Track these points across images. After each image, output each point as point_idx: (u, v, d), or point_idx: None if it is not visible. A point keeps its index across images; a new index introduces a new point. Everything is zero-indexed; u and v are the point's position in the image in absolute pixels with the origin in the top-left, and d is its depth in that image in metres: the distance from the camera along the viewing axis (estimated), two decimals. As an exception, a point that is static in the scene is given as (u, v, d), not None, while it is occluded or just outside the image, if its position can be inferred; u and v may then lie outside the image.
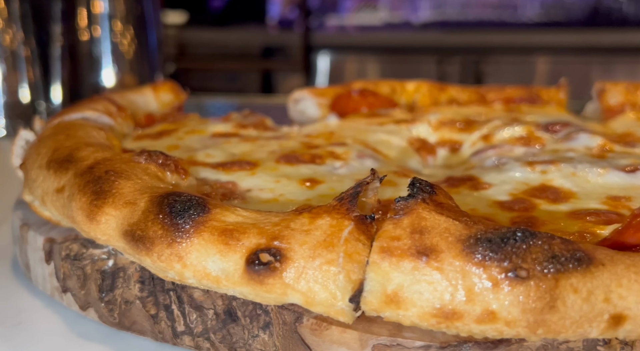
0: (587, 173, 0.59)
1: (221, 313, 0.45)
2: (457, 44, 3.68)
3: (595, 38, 3.53)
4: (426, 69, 3.66)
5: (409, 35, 3.96)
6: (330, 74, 3.87)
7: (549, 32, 3.73)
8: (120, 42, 1.79)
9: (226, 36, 4.15)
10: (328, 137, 0.85)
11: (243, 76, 4.06)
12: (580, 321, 0.35)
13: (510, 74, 3.56)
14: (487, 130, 0.86)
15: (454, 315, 0.35)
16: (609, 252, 0.36)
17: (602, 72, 3.50)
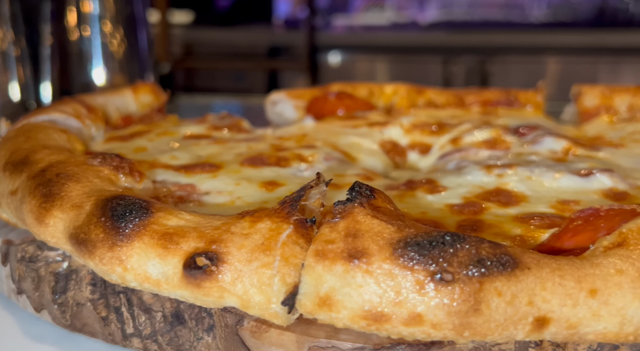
0: (543, 177, 0.60)
1: (169, 316, 0.46)
2: (463, 44, 3.67)
3: (602, 38, 3.52)
4: (433, 69, 3.66)
5: (415, 35, 3.96)
6: (336, 74, 3.87)
7: (555, 32, 3.71)
8: (109, 42, 1.79)
9: (232, 36, 4.16)
10: (299, 140, 0.85)
11: (249, 76, 4.06)
12: (506, 324, 0.35)
13: (516, 74, 3.56)
14: (456, 133, 0.87)
15: (382, 318, 0.36)
16: (536, 256, 0.37)
17: (608, 72, 3.50)
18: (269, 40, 4.10)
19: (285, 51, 4.01)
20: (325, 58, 3.90)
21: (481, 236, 0.46)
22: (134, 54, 1.88)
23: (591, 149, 0.78)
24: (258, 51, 4.07)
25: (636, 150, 0.79)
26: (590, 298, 0.36)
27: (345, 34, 4.21)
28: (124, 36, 1.84)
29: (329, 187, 0.63)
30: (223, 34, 4.20)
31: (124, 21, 1.83)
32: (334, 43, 3.98)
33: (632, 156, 0.75)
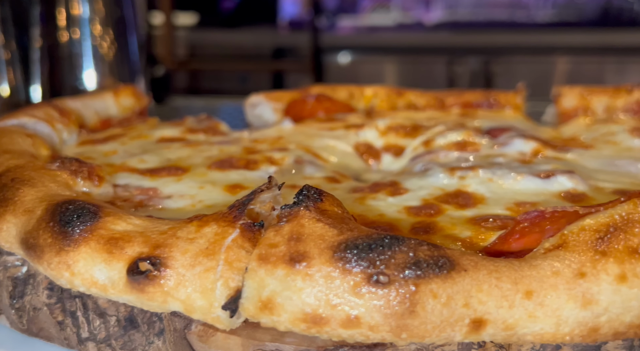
0: (504, 179, 0.60)
1: (122, 320, 0.46)
2: (468, 44, 3.66)
3: (607, 38, 3.50)
4: (438, 69, 3.65)
5: (420, 36, 3.96)
6: (342, 75, 3.87)
7: (559, 32, 3.69)
8: (99, 45, 1.79)
9: (237, 37, 4.16)
10: (274, 142, 0.86)
11: (254, 77, 4.06)
12: (442, 326, 0.36)
13: (521, 75, 3.55)
14: (429, 135, 0.87)
15: (321, 320, 0.36)
16: (474, 258, 0.37)
17: (614, 72, 3.49)
18: (273, 42, 4.10)
19: (290, 52, 4.01)
20: (330, 59, 3.89)
21: (432, 238, 0.47)
22: (124, 57, 1.89)
23: (560, 151, 0.78)
24: (263, 53, 4.07)
25: (605, 151, 0.79)
26: (526, 300, 0.36)
27: (350, 35, 4.20)
28: (114, 39, 1.85)
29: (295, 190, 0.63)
30: (227, 36, 4.21)
31: (114, 24, 1.83)
32: (339, 44, 3.97)
33: (599, 157, 0.76)
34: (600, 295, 0.36)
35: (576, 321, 0.36)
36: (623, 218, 0.39)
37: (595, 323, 0.37)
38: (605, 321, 0.37)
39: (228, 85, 4.24)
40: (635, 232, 0.38)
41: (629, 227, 0.38)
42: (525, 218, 0.43)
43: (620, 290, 0.36)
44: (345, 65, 3.97)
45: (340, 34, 4.22)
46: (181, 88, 4.11)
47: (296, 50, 3.89)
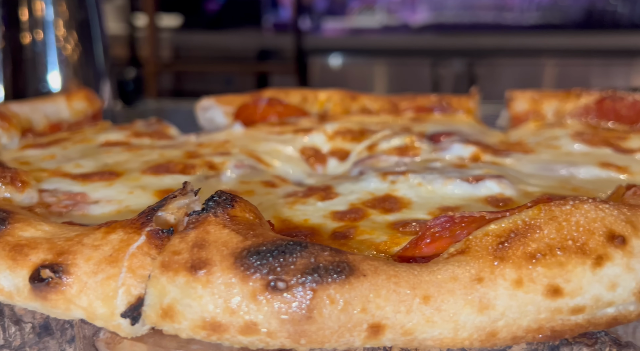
0: (433, 184, 0.61)
1: (37, 327, 0.45)
2: (453, 47, 3.68)
3: (591, 41, 3.55)
4: (423, 71, 3.67)
5: (406, 38, 3.97)
6: (327, 77, 3.87)
7: (544, 34, 3.73)
8: (63, 47, 1.77)
9: (221, 39, 4.13)
10: (218, 146, 0.86)
11: (238, 79, 4.04)
12: (341, 331, 0.36)
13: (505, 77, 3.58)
14: (373, 140, 0.88)
15: (220, 327, 0.36)
16: (375, 263, 0.38)
17: (598, 74, 3.53)
18: (258, 44, 4.09)
19: (275, 54, 4.00)
20: (316, 61, 3.89)
21: (349, 243, 0.47)
22: (89, 60, 1.86)
23: (499, 155, 0.79)
24: (247, 54, 4.06)
25: (544, 155, 0.81)
26: (423, 305, 0.37)
27: (336, 37, 4.20)
28: (78, 41, 1.83)
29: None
30: (212, 38, 4.18)
31: (78, 26, 1.81)
32: (324, 46, 3.98)
33: (537, 162, 0.77)
34: (496, 300, 0.37)
35: (474, 326, 0.37)
36: (525, 223, 0.40)
37: (493, 327, 0.37)
38: (503, 326, 0.37)
39: (213, 87, 4.19)
40: (534, 238, 0.39)
41: (529, 232, 0.39)
42: (435, 224, 0.44)
43: (516, 295, 0.37)
44: (331, 67, 3.97)
45: (325, 36, 4.22)
46: (166, 91, 4.07)
47: (281, 52, 3.89)
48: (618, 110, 1.04)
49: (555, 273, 0.37)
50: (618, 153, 0.80)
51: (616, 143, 0.85)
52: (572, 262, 0.38)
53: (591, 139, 0.86)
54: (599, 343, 0.40)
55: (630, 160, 0.76)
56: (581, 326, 0.39)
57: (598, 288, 0.38)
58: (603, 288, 0.38)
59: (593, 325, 0.39)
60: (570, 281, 0.37)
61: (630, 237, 0.39)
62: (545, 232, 0.39)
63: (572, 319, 0.38)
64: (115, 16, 4.45)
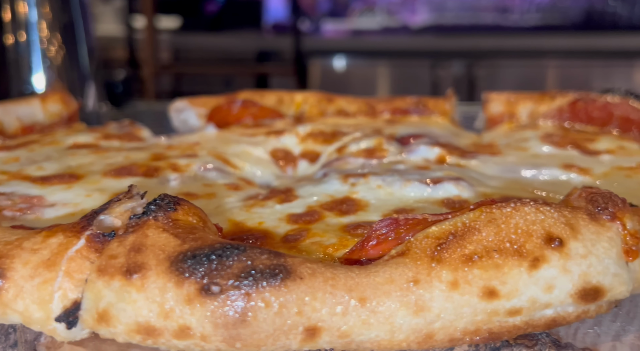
0: (392, 186, 0.61)
1: (-17, 331, 0.45)
2: (453, 48, 3.67)
3: (590, 42, 3.54)
4: (424, 72, 3.66)
5: (406, 40, 3.96)
6: (327, 78, 3.87)
7: (543, 36, 3.72)
8: (47, 49, 1.77)
9: (221, 41, 4.12)
10: (187, 149, 0.85)
11: (238, 80, 4.03)
12: (276, 335, 0.36)
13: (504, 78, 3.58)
14: (344, 142, 0.88)
15: (154, 331, 0.36)
16: (313, 266, 0.38)
17: (598, 75, 3.52)
18: (257, 45, 4.08)
19: (275, 56, 3.99)
20: (315, 62, 3.89)
21: (298, 246, 0.47)
22: (73, 61, 1.86)
23: (466, 157, 0.79)
24: (247, 56, 4.05)
25: (510, 157, 0.81)
26: (359, 307, 0.37)
27: (336, 39, 4.19)
28: (62, 43, 1.82)
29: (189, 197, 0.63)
30: (211, 39, 4.17)
31: (62, 28, 1.81)
32: (324, 47, 3.97)
33: (502, 164, 0.77)
34: (432, 302, 0.37)
35: (410, 328, 0.37)
36: (465, 225, 0.40)
37: (430, 329, 0.37)
38: (440, 328, 0.37)
39: (212, 89, 4.15)
40: (472, 240, 0.39)
41: (468, 234, 0.39)
42: (379, 226, 0.44)
43: (452, 297, 0.37)
44: (331, 69, 3.96)
45: (325, 38, 4.22)
46: (165, 92, 4.06)
47: (280, 53, 3.88)
48: (590, 112, 1.04)
49: (491, 275, 0.37)
50: (584, 155, 0.81)
51: (584, 145, 0.85)
52: (509, 264, 0.38)
53: (559, 141, 0.86)
54: (539, 344, 0.40)
55: (594, 162, 0.76)
56: (519, 328, 0.39)
57: (534, 290, 0.38)
58: (539, 290, 0.38)
59: (532, 327, 0.39)
60: (506, 283, 0.38)
61: (568, 239, 0.39)
62: (484, 234, 0.39)
63: (510, 321, 0.38)
64: (114, 18, 4.44)
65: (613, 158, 0.78)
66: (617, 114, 1.02)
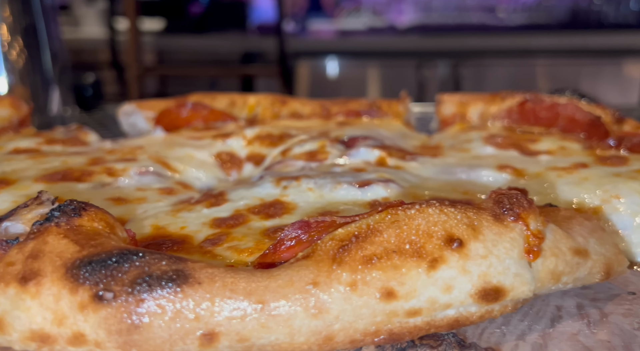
0: (322, 189, 0.61)
1: None
2: (440, 48, 3.66)
3: (575, 41, 3.55)
4: (411, 73, 3.65)
5: (392, 40, 3.96)
6: (313, 79, 3.85)
7: (529, 35, 3.71)
8: (8, 52, 1.74)
9: (205, 42, 4.09)
10: (128, 153, 0.85)
11: (223, 82, 4.00)
12: (173, 340, 0.36)
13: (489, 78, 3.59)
14: (289, 144, 0.88)
15: (49, 339, 0.36)
16: (213, 271, 0.38)
17: (580, 74, 3.55)
18: (242, 47, 4.05)
19: (260, 57, 3.96)
20: (301, 63, 3.86)
21: (215, 250, 0.47)
22: (35, 65, 1.83)
23: (405, 160, 0.80)
24: (232, 58, 4.02)
25: (450, 159, 0.82)
26: (258, 311, 0.37)
27: (321, 40, 4.18)
28: (24, 47, 1.79)
29: (117, 202, 0.62)
30: (196, 41, 4.14)
31: (23, 32, 1.78)
32: (310, 48, 3.96)
33: (441, 165, 0.78)
34: (331, 304, 0.37)
35: (309, 331, 0.37)
36: (369, 227, 0.40)
37: (329, 331, 0.37)
38: (339, 330, 0.38)
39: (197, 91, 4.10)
40: (374, 241, 0.39)
41: (370, 236, 0.39)
42: (291, 229, 0.44)
43: (351, 299, 0.37)
44: (317, 69, 3.94)
45: (311, 38, 4.20)
46: (150, 95, 4.01)
47: (266, 54, 3.86)
48: (538, 112, 1.05)
49: (389, 276, 0.38)
50: (523, 156, 0.82)
51: (526, 145, 0.86)
52: (407, 265, 0.38)
53: (502, 142, 0.87)
54: (444, 344, 0.41)
55: (531, 163, 0.77)
56: (421, 329, 0.39)
57: (433, 291, 0.38)
58: (438, 290, 0.38)
59: (435, 327, 0.40)
60: (404, 284, 0.38)
61: (469, 239, 0.40)
62: (385, 236, 0.39)
63: (411, 321, 0.39)
64: (97, 20, 4.38)
65: (550, 159, 0.80)
66: (563, 115, 1.03)
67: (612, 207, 0.62)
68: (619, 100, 3.41)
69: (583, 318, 0.45)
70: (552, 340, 0.42)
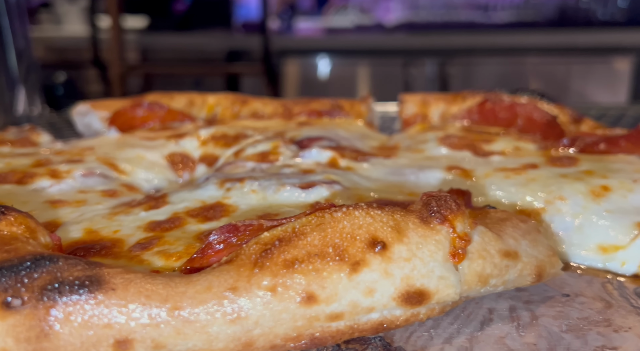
0: (266, 191, 0.61)
1: None
2: (427, 46, 3.64)
3: (564, 38, 3.55)
4: (398, 71, 3.62)
5: (379, 38, 3.92)
6: (298, 78, 3.82)
7: (517, 33, 3.71)
8: None
9: (190, 40, 4.03)
10: (76, 154, 0.83)
11: (208, 81, 3.94)
12: (85, 347, 0.35)
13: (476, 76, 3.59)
14: (242, 145, 0.87)
15: (-47, 348, 0.34)
16: (129, 276, 0.37)
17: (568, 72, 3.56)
18: (227, 45, 4.00)
19: (245, 55, 3.92)
20: (290, 61, 3.83)
21: (143, 254, 0.46)
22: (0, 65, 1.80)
23: (357, 161, 0.80)
24: (216, 56, 3.97)
25: (402, 160, 0.82)
26: (173, 317, 0.36)
27: (310, 38, 4.14)
28: (-13, 46, 1.76)
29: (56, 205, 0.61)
30: (180, 39, 4.08)
31: (-14, 30, 1.75)
32: (298, 47, 3.93)
33: (391, 166, 0.78)
34: (250, 310, 0.37)
35: (228, 337, 0.36)
36: (295, 230, 0.40)
37: (249, 337, 0.37)
38: (259, 335, 0.37)
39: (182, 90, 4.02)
40: (297, 245, 0.39)
41: (294, 239, 0.39)
42: (219, 233, 0.43)
43: (270, 304, 0.37)
44: (305, 67, 3.91)
45: (299, 37, 4.17)
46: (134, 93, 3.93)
47: (251, 53, 3.82)
48: (497, 112, 1.06)
49: (311, 281, 0.37)
50: (476, 157, 0.82)
51: (480, 146, 0.86)
52: (329, 268, 0.38)
53: (457, 143, 0.88)
54: (370, 348, 0.41)
55: (481, 164, 0.78)
56: (344, 333, 0.39)
57: (355, 294, 0.38)
58: (360, 294, 0.38)
59: (358, 331, 0.39)
60: (325, 288, 0.37)
61: (392, 242, 0.39)
62: (309, 239, 0.39)
63: (333, 326, 0.38)
64: (79, 18, 4.30)
65: (502, 160, 0.80)
66: (522, 115, 1.03)
67: (555, 208, 0.62)
68: (608, 97, 3.44)
69: (513, 321, 0.45)
70: (479, 343, 0.42)
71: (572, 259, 0.57)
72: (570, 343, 0.41)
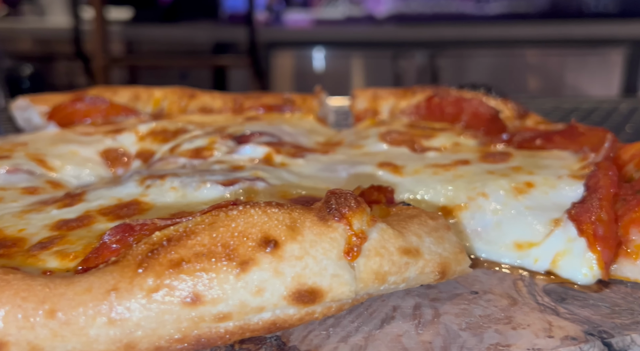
0: (186, 188, 0.60)
1: None
2: (417, 38, 3.60)
3: (556, 30, 3.54)
4: (387, 63, 3.58)
5: (369, 30, 3.87)
6: (286, 70, 3.76)
7: (508, 24, 3.69)
8: None
9: (176, 32, 3.94)
10: (7, 150, 0.81)
11: (194, 73, 3.86)
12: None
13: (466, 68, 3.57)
14: (179, 141, 0.86)
15: None
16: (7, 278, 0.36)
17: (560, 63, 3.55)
18: (214, 37, 3.92)
19: (232, 47, 3.85)
20: (276, 54, 3.77)
21: (40, 254, 0.45)
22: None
23: (293, 156, 0.79)
24: (203, 48, 3.90)
25: (339, 156, 0.81)
26: (50, 319, 0.35)
27: (297, 30, 4.09)
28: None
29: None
30: (166, 30, 3.99)
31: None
32: (285, 39, 3.87)
33: (326, 163, 0.77)
34: (131, 311, 0.36)
35: (109, 339, 0.36)
36: (186, 230, 0.39)
37: (131, 339, 0.36)
38: (142, 337, 0.36)
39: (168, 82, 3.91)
40: (186, 244, 0.38)
41: (183, 239, 0.38)
42: (112, 233, 0.42)
43: (152, 305, 0.36)
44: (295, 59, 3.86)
45: (286, 29, 4.11)
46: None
47: (238, 45, 3.75)
48: (444, 107, 1.06)
49: (197, 281, 0.37)
50: (412, 153, 0.82)
51: (419, 142, 0.86)
52: (216, 268, 0.37)
53: (397, 139, 0.88)
54: (264, 347, 0.40)
55: (414, 160, 0.78)
56: (234, 333, 0.38)
57: (243, 294, 0.37)
58: (248, 293, 0.38)
59: (250, 331, 0.39)
60: (212, 288, 0.37)
61: (285, 241, 0.39)
62: (199, 239, 0.38)
63: (221, 326, 0.38)
64: (63, 9, 4.20)
65: (436, 156, 0.80)
66: (467, 110, 1.04)
67: (477, 205, 0.62)
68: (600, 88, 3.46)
69: (415, 319, 0.45)
70: (375, 342, 0.41)
71: (488, 256, 0.58)
72: (465, 341, 0.41)
